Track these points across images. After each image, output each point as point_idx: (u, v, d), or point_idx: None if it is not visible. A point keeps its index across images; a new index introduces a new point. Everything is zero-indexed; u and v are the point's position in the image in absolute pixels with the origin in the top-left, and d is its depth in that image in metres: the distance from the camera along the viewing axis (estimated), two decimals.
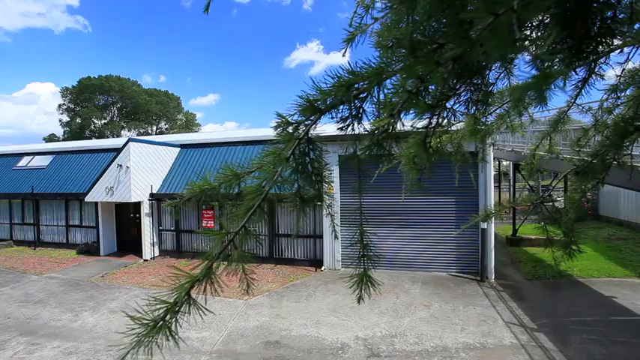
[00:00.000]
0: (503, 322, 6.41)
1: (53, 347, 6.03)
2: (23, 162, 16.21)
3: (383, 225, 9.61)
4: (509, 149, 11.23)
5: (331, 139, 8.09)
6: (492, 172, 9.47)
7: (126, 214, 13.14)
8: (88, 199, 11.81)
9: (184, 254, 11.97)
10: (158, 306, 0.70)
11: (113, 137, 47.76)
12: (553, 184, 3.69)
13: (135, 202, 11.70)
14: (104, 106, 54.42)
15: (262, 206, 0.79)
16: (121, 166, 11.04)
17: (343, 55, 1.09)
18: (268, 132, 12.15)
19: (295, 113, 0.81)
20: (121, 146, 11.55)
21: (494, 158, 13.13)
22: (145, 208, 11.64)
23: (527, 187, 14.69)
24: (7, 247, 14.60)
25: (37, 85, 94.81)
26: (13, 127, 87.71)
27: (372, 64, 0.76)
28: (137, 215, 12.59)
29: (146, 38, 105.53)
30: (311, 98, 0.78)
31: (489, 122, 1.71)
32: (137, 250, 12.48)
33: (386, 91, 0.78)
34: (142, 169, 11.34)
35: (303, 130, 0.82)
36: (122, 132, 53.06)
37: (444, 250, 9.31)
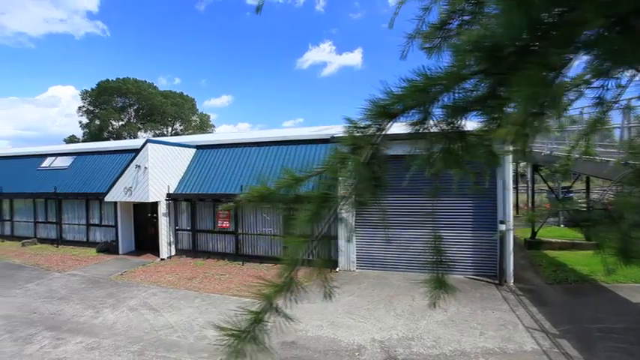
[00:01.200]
0: (524, 327, 6.26)
1: (76, 342, 6.20)
2: (46, 163, 16.76)
3: (399, 226, 9.54)
4: (528, 150, 10.98)
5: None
6: (511, 174, 9.28)
7: (143, 214, 13.42)
8: (107, 198, 12.10)
9: (200, 254, 12.13)
10: (244, 316, 0.71)
11: (130, 138, 48.87)
12: (576, 186, 3.58)
13: (152, 202, 11.94)
14: (122, 108, 55.75)
15: (335, 210, 0.78)
16: (139, 166, 11.28)
17: (404, 58, 1.08)
18: (282, 133, 12.21)
19: (365, 117, 0.81)
20: (139, 147, 11.80)
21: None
22: (162, 208, 11.85)
23: (547, 188, 14.32)
24: (32, 245, 15.12)
25: (59, 88, 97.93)
26: (36, 128, 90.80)
27: (442, 69, 0.74)
28: (154, 215, 12.83)
29: (162, 41, 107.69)
30: (381, 103, 0.78)
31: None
32: (154, 249, 12.72)
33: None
34: (160, 169, 11.56)
35: (374, 135, 0.81)
36: (139, 133, 54.20)
37: (461, 252, 9.16)
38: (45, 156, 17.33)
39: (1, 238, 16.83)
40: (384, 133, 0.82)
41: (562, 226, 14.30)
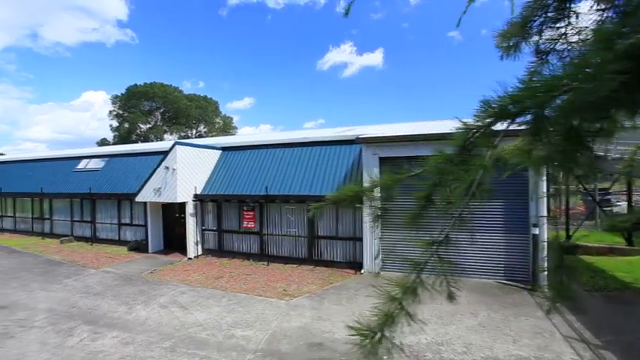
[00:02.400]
0: (562, 335, 5.97)
1: (112, 337, 6.45)
2: (82, 165, 17.63)
3: (426, 229, 9.33)
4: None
5: (373, 140, 8.02)
6: (545, 175, 8.90)
7: (171, 214, 13.84)
8: (138, 199, 12.56)
9: (225, 254, 12.36)
10: (373, 318, 0.72)
11: (157, 141, 50.58)
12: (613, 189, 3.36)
13: (180, 203, 12.30)
14: (149, 111, 57.76)
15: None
16: (168, 168, 11.64)
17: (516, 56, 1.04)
18: (306, 134, 12.25)
19: (480, 118, 0.79)
20: (167, 149, 12.19)
21: None
22: (190, 209, 12.18)
23: (582, 190, 13.62)
24: (69, 242, 15.93)
25: (91, 93, 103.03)
26: (71, 132, 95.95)
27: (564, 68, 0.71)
28: (182, 215, 13.21)
29: (186, 47, 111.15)
30: (497, 103, 0.75)
31: None
32: (182, 249, 13.08)
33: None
34: (187, 171, 11.89)
35: (492, 135, 0.79)
36: (165, 136, 56.01)
37: (491, 256, 8.86)
38: (80, 158, 18.23)
39: (42, 235, 17.85)
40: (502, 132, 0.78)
41: (599, 230, 13.57)
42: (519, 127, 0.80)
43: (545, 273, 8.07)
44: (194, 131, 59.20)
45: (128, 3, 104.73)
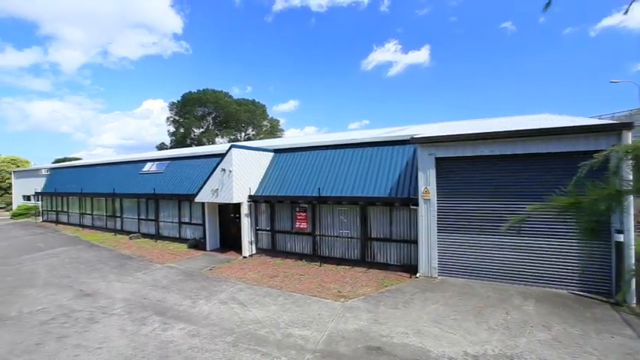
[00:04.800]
0: None
1: (180, 328, 6.89)
2: (146, 167, 19.17)
3: (488, 232, 8.81)
4: None
5: (429, 140, 7.74)
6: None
7: (227, 214, 14.53)
8: (197, 199, 13.33)
9: (278, 254, 12.65)
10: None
11: (209, 144, 53.50)
12: None
13: (235, 203, 12.85)
14: (202, 116, 61.33)
15: None
16: (224, 170, 12.22)
17: None
18: (357, 135, 12.16)
19: None
20: (224, 152, 12.80)
21: None
22: (244, 209, 12.67)
23: None
24: (136, 239, 17.43)
25: (151, 101, 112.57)
26: (134, 138, 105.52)
27: None
28: (237, 215, 13.79)
29: (235, 54, 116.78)
30: None
31: None
32: (236, 247, 13.66)
33: None
34: (242, 172, 12.38)
35: None
36: (216, 139, 59.12)
37: (564, 263, 8.09)
38: (145, 162, 19.83)
39: (114, 231, 19.74)
40: None
41: None
42: None
43: (634, 286, 7.19)
44: (243, 134, 61.79)
45: (183, 17, 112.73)
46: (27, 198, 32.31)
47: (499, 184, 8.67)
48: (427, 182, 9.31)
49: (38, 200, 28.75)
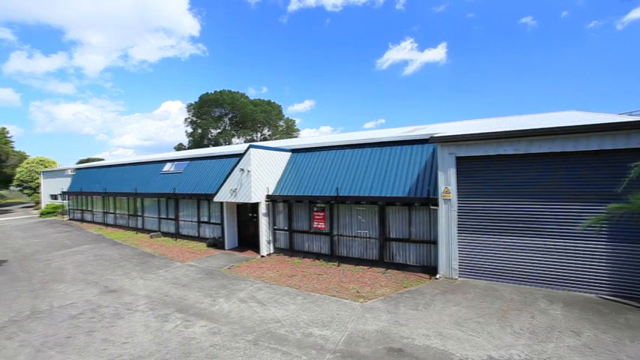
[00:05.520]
0: None
1: (201, 326, 7.00)
2: (166, 168, 19.61)
3: (511, 233, 8.57)
4: None
5: (450, 139, 7.59)
6: None
7: (245, 214, 14.68)
8: (216, 199, 13.52)
9: (296, 253, 12.69)
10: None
11: (225, 144, 54.30)
12: None
13: (253, 203, 12.96)
14: (218, 117, 62.30)
15: None
16: (243, 170, 12.35)
17: None
18: (374, 134, 12.07)
19: None
20: (242, 152, 12.94)
21: None
22: (262, 209, 12.77)
23: None
24: (157, 237, 17.85)
25: (169, 103, 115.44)
26: (153, 138, 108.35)
27: None
28: (254, 215, 13.93)
29: (250, 55, 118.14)
30: None
31: None
32: (254, 247, 13.80)
33: None
34: (260, 172, 12.48)
35: None
36: (233, 139, 59.93)
37: (593, 266, 7.78)
38: (165, 162, 20.28)
39: (136, 230, 20.29)
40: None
41: None
42: None
43: None
44: (259, 134, 62.40)
45: (200, 20, 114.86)
46: (54, 197, 33.62)
47: (523, 184, 8.42)
48: (447, 182, 9.14)
49: (64, 199, 29.87)
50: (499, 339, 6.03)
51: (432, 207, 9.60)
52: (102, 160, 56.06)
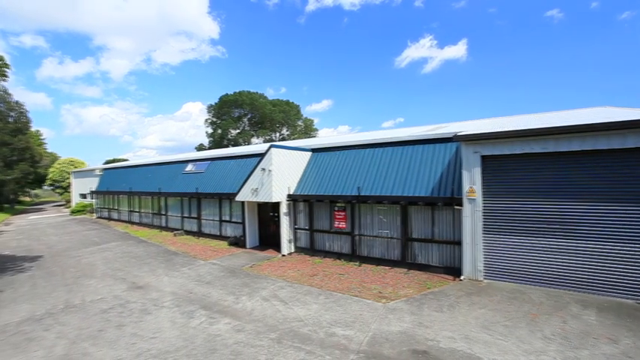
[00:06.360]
0: None
1: (225, 323, 7.12)
2: (189, 168, 20.06)
3: (539, 234, 8.26)
4: None
5: (475, 137, 7.39)
6: None
7: (266, 213, 14.83)
8: (237, 198, 13.70)
9: (317, 252, 12.70)
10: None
11: (245, 144, 55.07)
12: None
13: (274, 202, 13.07)
14: (238, 117, 63.24)
15: None
16: (264, 169, 12.47)
17: None
18: (395, 133, 11.93)
19: None
20: (263, 152, 13.07)
21: None
22: (283, 208, 12.86)
23: None
24: (180, 235, 18.31)
25: (190, 104, 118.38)
26: (175, 139, 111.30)
27: None
28: (275, 214, 14.05)
29: (269, 55, 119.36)
30: None
31: None
32: (275, 246, 13.93)
33: None
34: (281, 172, 12.56)
35: None
36: (252, 140, 60.68)
37: (631, 270, 7.39)
38: (187, 162, 20.75)
39: (160, 228, 20.89)
40: None
41: None
42: None
43: None
44: (277, 134, 62.91)
45: (219, 23, 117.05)
46: (83, 196, 35.10)
47: (553, 183, 8.10)
48: (472, 181, 8.91)
49: (93, 198, 31.12)
50: (529, 344, 5.83)
51: (455, 207, 9.39)
52: (126, 160, 58.06)
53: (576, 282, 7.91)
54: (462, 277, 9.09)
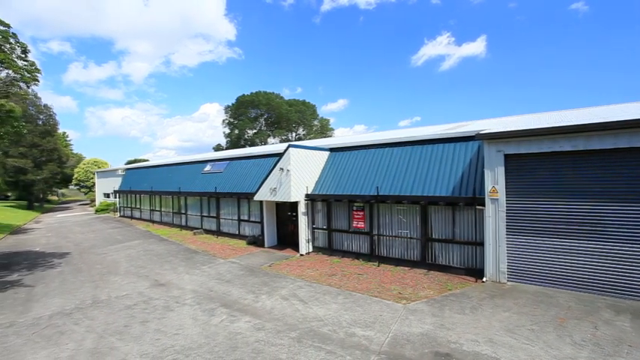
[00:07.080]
0: None
1: (246, 321, 7.19)
2: (207, 168, 20.42)
3: (567, 236, 7.96)
4: None
5: (498, 136, 7.18)
6: None
7: (284, 212, 14.91)
8: (256, 198, 13.83)
9: (335, 252, 12.67)
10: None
11: (261, 144, 55.57)
12: None
13: (292, 202, 13.12)
14: (254, 118, 63.92)
15: None
16: (282, 169, 12.54)
17: None
18: (414, 132, 11.75)
19: None
20: (280, 152, 13.14)
21: None
22: (302, 208, 12.89)
23: None
24: (200, 234, 18.66)
25: (207, 105, 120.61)
26: (193, 140, 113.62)
27: None
28: (294, 214, 14.10)
29: (285, 56, 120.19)
30: None
31: None
32: (293, 245, 13.98)
33: None
34: (300, 171, 12.60)
35: None
36: (268, 140, 61.21)
37: None
38: (206, 162, 21.13)
39: (179, 227, 21.36)
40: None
41: None
42: None
43: None
44: (294, 134, 63.22)
45: (236, 25, 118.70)
46: (107, 195, 36.30)
47: (582, 183, 7.77)
48: (495, 181, 8.67)
49: (116, 197, 32.14)
50: (557, 349, 5.62)
51: (477, 207, 9.17)
52: (147, 160, 59.69)
53: (608, 286, 7.58)
54: (484, 279, 8.86)
